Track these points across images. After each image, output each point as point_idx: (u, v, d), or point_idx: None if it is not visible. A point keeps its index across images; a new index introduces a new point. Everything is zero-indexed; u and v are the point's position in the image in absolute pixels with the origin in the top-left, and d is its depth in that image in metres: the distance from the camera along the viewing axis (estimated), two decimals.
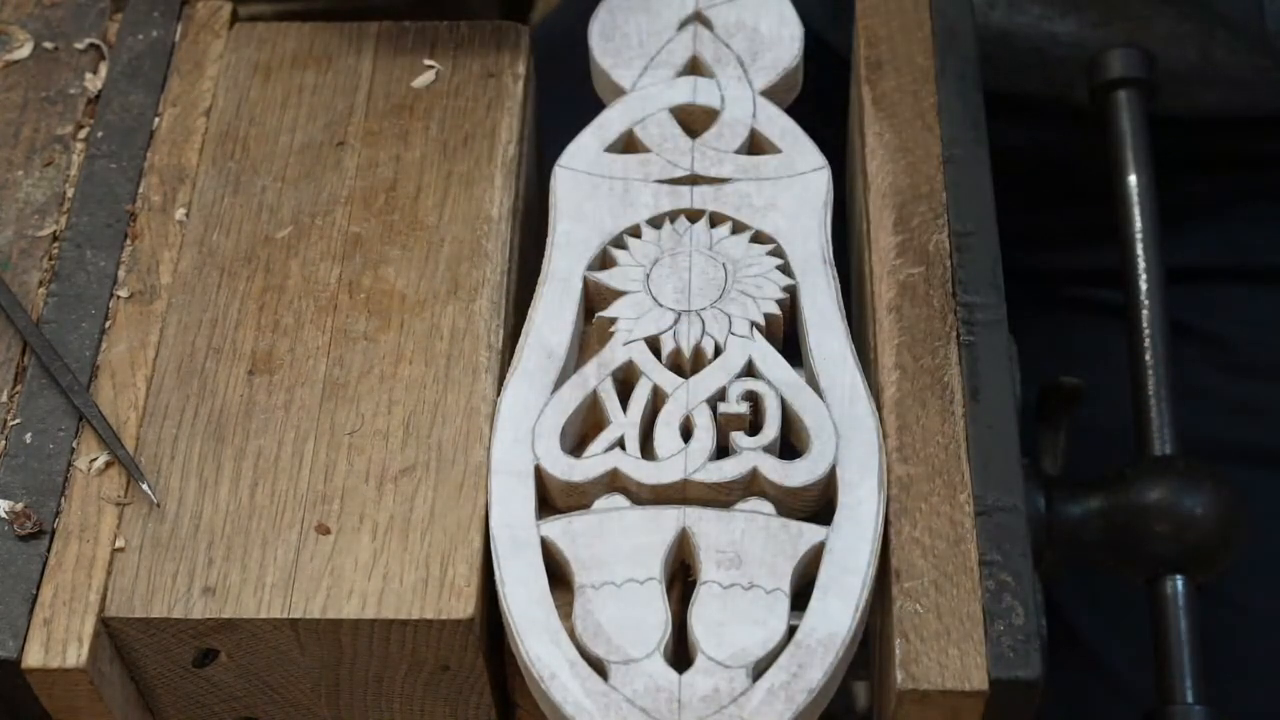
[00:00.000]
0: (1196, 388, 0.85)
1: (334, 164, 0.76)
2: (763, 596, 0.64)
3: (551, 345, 0.70)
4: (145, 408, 0.69)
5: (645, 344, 0.70)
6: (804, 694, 0.62)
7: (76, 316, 0.71)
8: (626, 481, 0.67)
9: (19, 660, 0.63)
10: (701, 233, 0.72)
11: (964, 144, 0.74)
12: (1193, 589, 0.74)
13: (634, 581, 0.64)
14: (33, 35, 0.80)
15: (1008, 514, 0.65)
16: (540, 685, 0.63)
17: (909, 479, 0.66)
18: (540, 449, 0.67)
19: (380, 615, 0.64)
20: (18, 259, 0.73)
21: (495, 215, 0.74)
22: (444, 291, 0.72)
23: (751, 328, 0.70)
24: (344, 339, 0.71)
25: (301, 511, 0.67)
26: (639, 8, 0.79)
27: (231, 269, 0.73)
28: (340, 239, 0.74)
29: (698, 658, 0.63)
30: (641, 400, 0.69)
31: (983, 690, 0.62)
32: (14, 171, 0.76)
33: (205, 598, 0.65)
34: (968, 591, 0.64)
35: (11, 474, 0.67)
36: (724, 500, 0.67)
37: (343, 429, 0.69)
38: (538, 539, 0.66)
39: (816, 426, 0.67)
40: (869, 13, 0.78)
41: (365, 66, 0.79)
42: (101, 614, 0.64)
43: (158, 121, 0.77)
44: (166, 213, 0.75)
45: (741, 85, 0.77)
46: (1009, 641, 0.63)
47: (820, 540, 0.65)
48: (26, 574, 0.65)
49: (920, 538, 0.65)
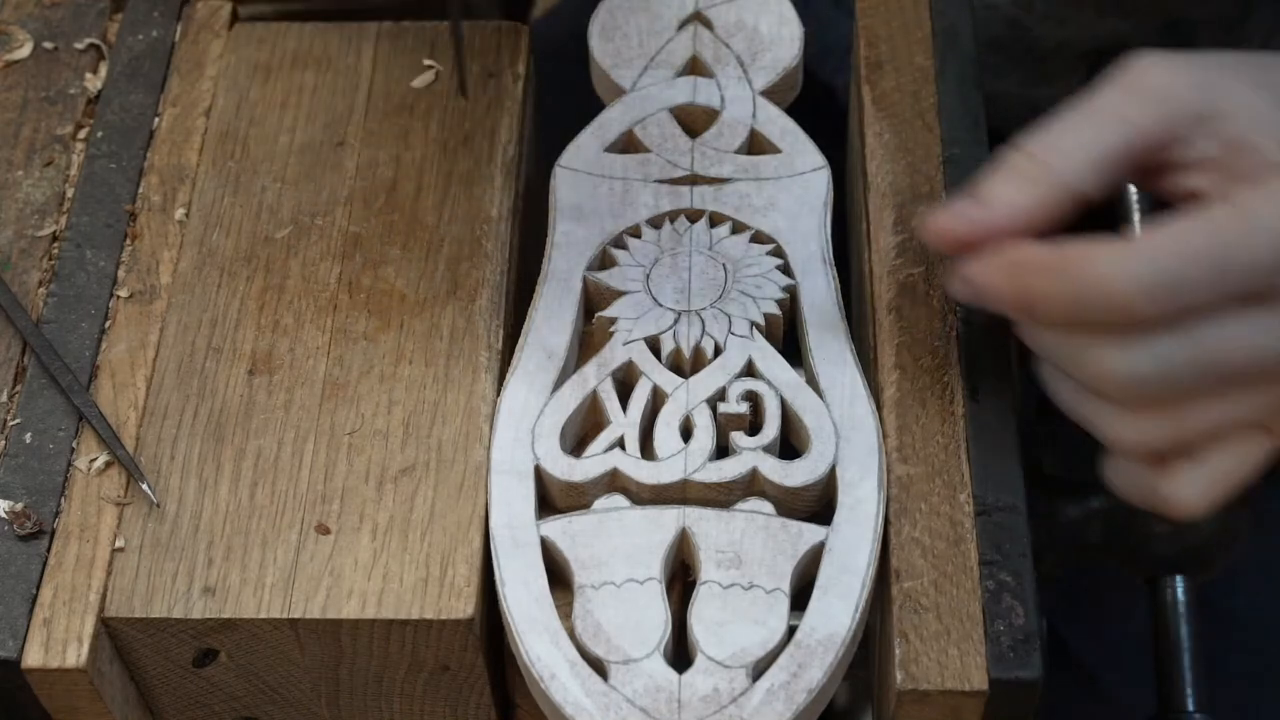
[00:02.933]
0: None
1: (334, 164, 0.76)
2: (763, 596, 0.64)
3: (551, 345, 0.70)
4: (145, 408, 0.69)
5: (645, 344, 0.70)
6: (804, 694, 0.62)
7: (76, 316, 0.71)
8: (626, 481, 0.67)
9: (19, 660, 0.63)
10: (701, 233, 0.72)
11: (964, 144, 0.74)
12: (1193, 593, 0.74)
13: (634, 581, 0.64)
14: (33, 35, 0.80)
15: (1008, 514, 0.65)
16: (540, 685, 0.63)
17: (909, 479, 0.66)
18: (540, 449, 0.67)
19: (380, 615, 0.64)
20: (18, 259, 0.73)
21: (495, 215, 0.74)
22: (444, 291, 0.72)
23: (751, 328, 0.70)
24: (344, 339, 0.71)
25: (301, 511, 0.67)
26: (639, 8, 0.79)
27: (231, 269, 0.73)
28: (340, 239, 0.74)
29: (697, 658, 0.63)
30: (641, 400, 0.69)
31: (983, 690, 0.62)
32: (14, 171, 0.76)
33: (205, 598, 0.65)
34: (968, 591, 0.64)
35: (11, 474, 0.67)
36: (724, 500, 0.67)
37: (343, 429, 0.69)
38: (538, 539, 0.66)
39: (816, 426, 0.67)
40: (869, 13, 0.78)
41: (365, 66, 0.79)
42: (101, 614, 0.64)
43: (158, 121, 0.77)
44: (166, 213, 0.75)
45: (741, 85, 0.77)
46: (1009, 641, 0.63)
47: (820, 540, 0.65)
48: (26, 574, 0.65)
49: (920, 538, 0.65)
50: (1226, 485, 0.61)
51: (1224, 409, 0.60)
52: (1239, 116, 0.61)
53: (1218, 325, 0.59)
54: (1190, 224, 0.59)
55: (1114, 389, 0.60)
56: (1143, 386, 0.60)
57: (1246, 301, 0.59)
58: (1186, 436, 0.61)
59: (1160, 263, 0.58)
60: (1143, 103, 0.61)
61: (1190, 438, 0.61)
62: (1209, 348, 0.59)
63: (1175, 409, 0.60)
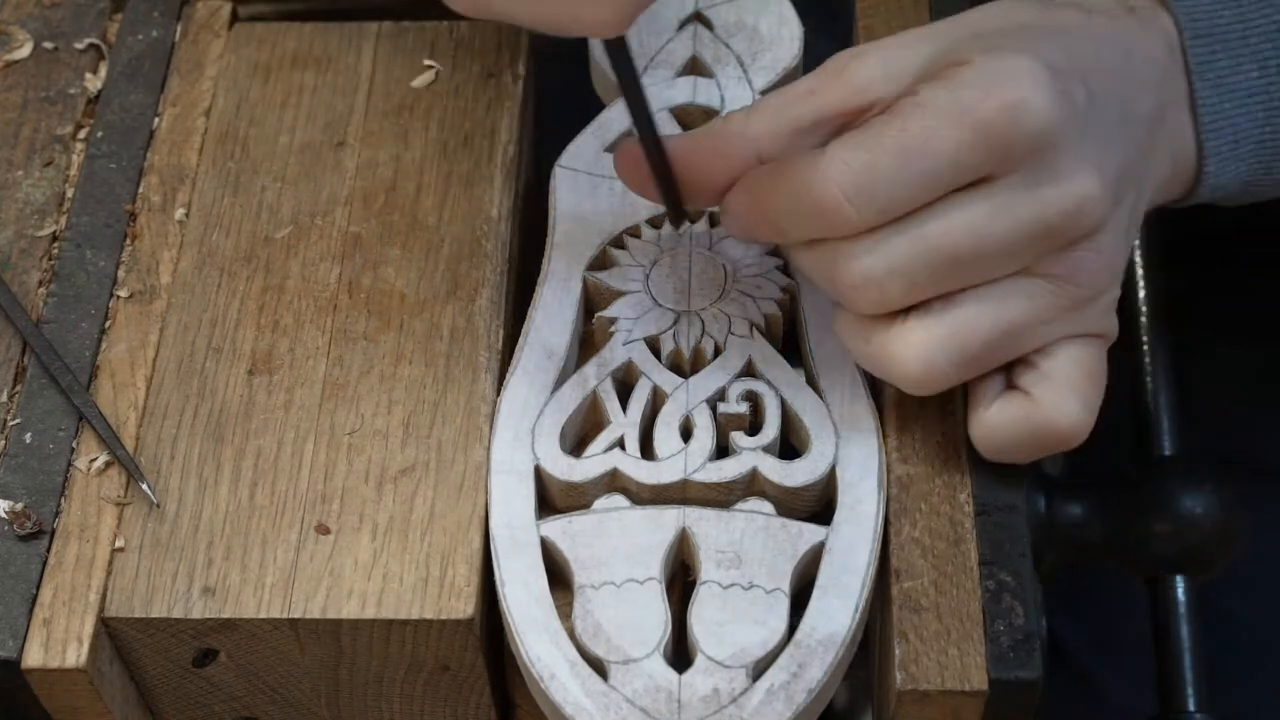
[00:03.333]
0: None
1: (334, 164, 0.76)
2: (762, 596, 0.64)
3: (551, 345, 0.70)
4: (145, 408, 0.69)
5: (645, 344, 0.70)
6: (804, 694, 0.62)
7: (76, 316, 0.71)
8: (626, 481, 0.67)
9: (19, 660, 0.63)
10: (701, 233, 0.72)
11: None
12: (1194, 593, 0.74)
13: (634, 581, 0.64)
14: (33, 35, 0.80)
15: (1008, 514, 0.65)
16: (540, 685, 0.63)
17: (909, 479, 0.66)
18: (540, 449, 0.67)
19: (380, 615, 0.64)
20: (18, 259, 0.73)
21: (495, 215, 0.74)
22: (444, 291, 0.72)
23: (751, 328, 0.70)
24: (344, 339, 0.71)
25: (301, 511, 0.67)
26: None
27: (231, 269, 0.73)
28: (340, 239, 0.74)
29: (697, 658, 0.63)
30: (641, 400, 0.69)
31: (983, 690, 0.62)
32: (14, 171, 0.76)
33: (205, 598, 0.65)
34: (968, 591, 0.64)
35: (11, 474, 0.67)
36: (724, 500, 0.67)
37: (342, 429, 0.69)
38: (537, 539, 0.66)
39: (816, 426, 0.67)
40: (869, 13, 0.78)
41: (365, 66, 0.79)
42: (101, 614, 0.64)
43: (158, 121, 0.77)
44: (166, 213, 0.75)
45: (741, 85, 0.77)
46: (1009, 641, 0.63)
47: (820, 540, 0.65)
48: (26, 574, 0.65)
49: (920, 538, 0.65)
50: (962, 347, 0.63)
51: (991, 309, 0.62)
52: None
53: (938, 216, 0.61)
54: (880, 121, 0.61)
55: (857, 297, 0.63)
56: (881, 289, 0.62)
57: (963, 189, 0.61)
58: (969, 349, 0.63)
59: (853, 162, 0.60)
60: (831, 81, 0.65)
61: (974, 350, 0.63)
62: (930, 237, 0.61)
63: (943, 312, 0.62)
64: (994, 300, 0.63)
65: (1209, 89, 0.66)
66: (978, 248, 0.61)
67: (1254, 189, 0.68)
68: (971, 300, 0.63)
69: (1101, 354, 0.65)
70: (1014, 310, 0.63)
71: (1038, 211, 0.61)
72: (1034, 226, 0.61)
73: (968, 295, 0.63)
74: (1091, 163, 0.62)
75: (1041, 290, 0.63)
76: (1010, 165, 0.61)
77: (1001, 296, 0.63)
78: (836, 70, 0.65)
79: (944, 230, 0.61)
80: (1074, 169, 0.61)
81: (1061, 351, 0.64)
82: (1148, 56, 0.65)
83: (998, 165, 0.61)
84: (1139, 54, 0.65)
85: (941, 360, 0.63)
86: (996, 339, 0.63)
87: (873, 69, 0.64)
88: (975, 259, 0.62)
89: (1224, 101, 0.66)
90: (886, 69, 0.64)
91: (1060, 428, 0.64)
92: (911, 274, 0.62)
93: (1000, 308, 0.63)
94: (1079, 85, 0.62)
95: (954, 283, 0.62)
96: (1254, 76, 0.66)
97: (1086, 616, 0.88)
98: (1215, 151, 0.66)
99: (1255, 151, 0.67)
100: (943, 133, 0.60)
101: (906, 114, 0.61)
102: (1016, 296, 0.63)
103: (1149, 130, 0.65)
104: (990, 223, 0.61)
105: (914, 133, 0.60)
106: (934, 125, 0.60)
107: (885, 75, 0.64)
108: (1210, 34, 0.66)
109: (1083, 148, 0.62)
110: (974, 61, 0.61)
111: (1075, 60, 0.63)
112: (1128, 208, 0.64)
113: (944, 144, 0.60)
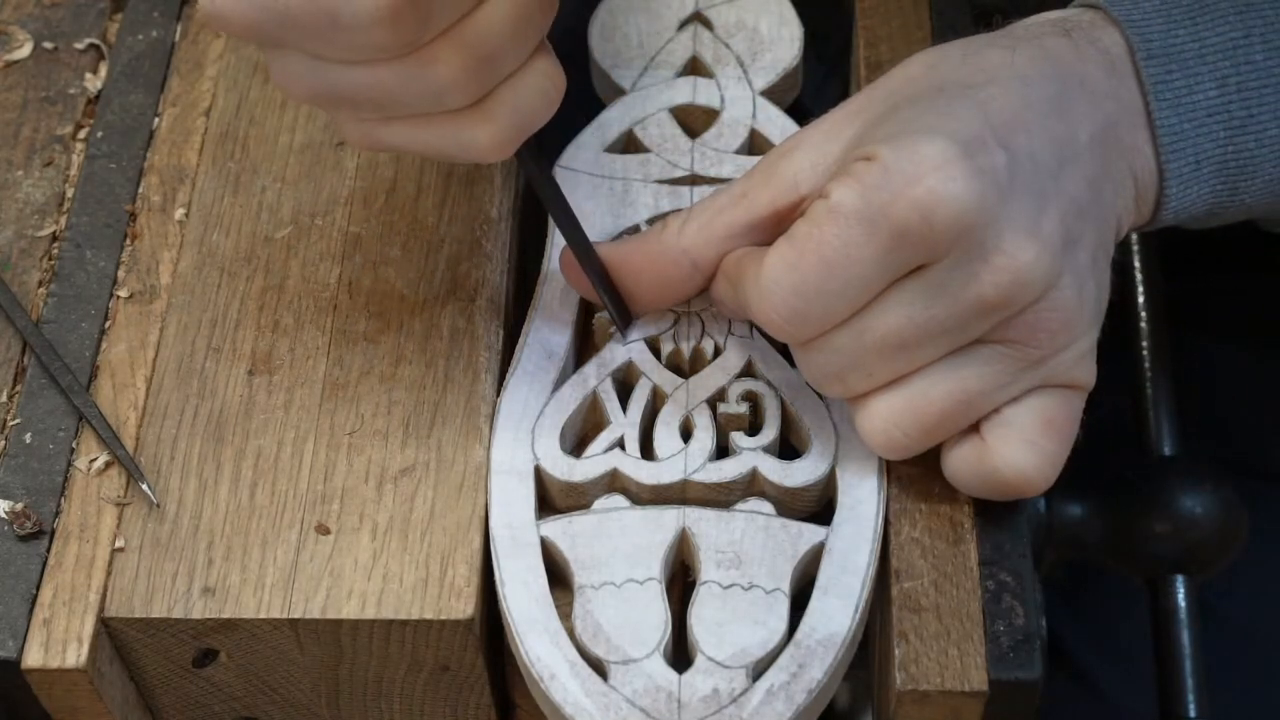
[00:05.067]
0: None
1: (334, 164, 0.76)
2: (762, 596, 0.64)
3: (551, 345, 0.70)
4: (145, 408, 0.69)
5: (645, 344, 0.70)
6: (804, 694, 0.62)
7: (76, 316, 0.71)
8: (626, 482, 0.67)
9: (19, 660, 0.63)
10: None
11: None
12: (1193, 594, 0.74)
13: (634, 582, 0.64)
14: (33, 35, 0.80)
15: (1008, 514, 0.65)
16: (540, 685, 0.63)
17: (909, 479, 0.66)
18: (540, 449, 0.67)
19: (380, 615, 0.64)
20: (18, 259, 0.73)
21: (495, 215, 0.74)
22: (444, 291, 0.72)
23: (751, 328, 0.70)
24: (344, 339, 0.71)
25: (301, 511, 0.67)
26: (639, 8, 0.79)
27: (231, 269, 0.73)
28: (340, 239, 0.74)
29: (697, 658, 0.63)
30: (641, 400, 0.69)
31: (982, 691, 0.62)
32: (14, 171, 0.76)
33: (205, 598, 0.65)
34: (968, 591, 0.64)
35: (11, 474, 0.67)
36: (724, 500, 0.67)
37: (342, 429, 0.69)
38: (537, 539, 0.66)
39: (816, 426, 0.67)
40: (869, 13, 0.78)
41: None
42: (101, 614, 0.64)
43: (158, 121, 0.77)
44: (166, 213, 0.75)
45: (741, 85, 0.77)
46: (1009, 642, 0.63)
47: (820, 540, 0.65)
48: (26, 574, 0.65)
49: (920, 538, 0.65)
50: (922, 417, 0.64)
51: (945, 381, 0.63)
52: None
53: (876, 313, 0.62)
54: (801, 230, 0.61)
55: (826, 388, 0.64)
56: (842, 382, 0.63)
57: (900, 279, 0.61)
58: (926, 420, 0.64)
59: (784, 283, 0.61)
60: (761, 183, 0.66)
61: (932, 421, 0.64)
62: (873, 332, 0.62)
63: (901, 386, 0.63)
64: (948, 371, 0.63)
65: (1167, 109, 0.64)
66: (922, 334, 0.62)
67: (1219, 211, 0.67)
68: (927, 373, 0.63)
69: (1071, 404, 0.64)
70: (968, 379, 0.63)
71: (974, 291, 0.61)
72: (974, 305, 0.61)
73: (925, 369, 0.63)
74: (1021, 229, 0.61)
75: (998, 356, 0.63)
76: (938, 254, 0.60)
77: (956, 367, 0.63)
78: (766, 171, 0.65)
79: (884, 324, 0.62)
80: (1002, 242, 0.60)
81: (1026, 400, 0.64)
82: (1085, 82, 0.64)
83: (926, 257, 0.61)
84: (1074, 81, 0.64)
85: (898, 433, 0.64)
86: (953, 408, 0.63)
87: (799, 163, 0.64)
88: (922, 343, 0.62)
89: (1183, 121, 0.65)
90: (814, 162, 0.64)
91: (1005, 478, 0.64)
92: (864, 366, 0.62)
93: (954, 378, 0.63)
94: (997, 151, 0.61)
95: (912, 364, 0.63)
96: (1212, 95, 0.65)
97: (1086, 616, 0.88)
98: (1176, 173, 0.65)
99: (1218, 172, 0.65)
100: (859, 241, 0.60)
101: (821, 222, 0.61)
102: (971, 365, 0.63)
103: (1097, 156, 0.64)
104: (928, 310, 0.61)
105: (832, 245, 0.60)
106: (849, 234, 0.60)
107: (813, 167, 0.64)
108: (1165, 53, 0.65)
109: (1010, 216, 0.61)
110: (880, 158, 0.60)
111: (995, 118, 0.62)
112: (1088, 245, 0.63)
113: (863, 251, 0.60)
